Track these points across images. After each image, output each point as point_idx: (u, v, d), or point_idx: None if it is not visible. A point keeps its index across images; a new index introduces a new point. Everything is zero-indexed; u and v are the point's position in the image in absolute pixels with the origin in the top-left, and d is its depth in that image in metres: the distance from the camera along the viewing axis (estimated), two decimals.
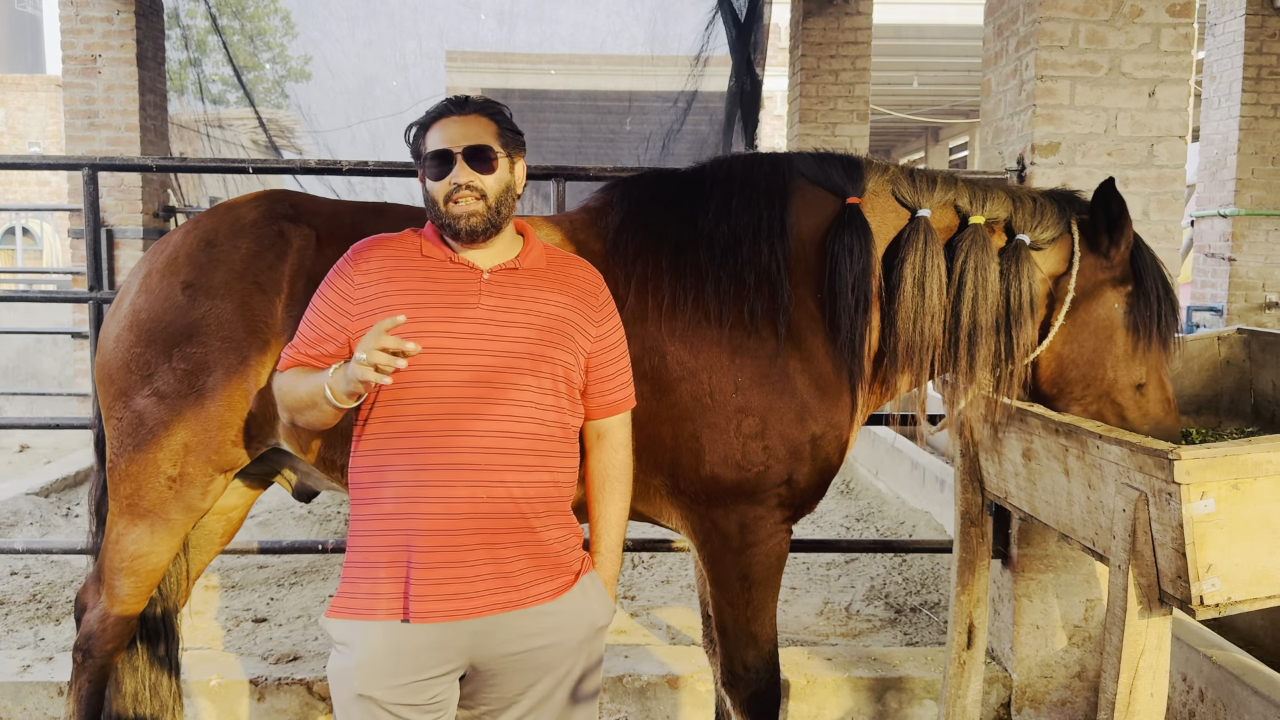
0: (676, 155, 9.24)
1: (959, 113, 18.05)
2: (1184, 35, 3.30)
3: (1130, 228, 2.48)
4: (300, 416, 1.95)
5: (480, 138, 1.95)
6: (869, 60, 8.27)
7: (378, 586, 1.86)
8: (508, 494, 1.89)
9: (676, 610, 4.45)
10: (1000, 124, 3.60)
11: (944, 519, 5.80)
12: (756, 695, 2.50)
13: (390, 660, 1.84)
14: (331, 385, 1.83)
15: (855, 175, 2.51)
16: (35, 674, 3.38)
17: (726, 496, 2.38)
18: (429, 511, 1.85)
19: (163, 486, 2.41)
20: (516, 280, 1.99)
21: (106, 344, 2.46)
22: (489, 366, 1.90)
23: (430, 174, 1.95)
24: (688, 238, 2.43)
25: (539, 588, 1.92)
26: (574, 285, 2.05)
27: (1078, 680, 3.47)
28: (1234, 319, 8.31)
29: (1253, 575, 1.98)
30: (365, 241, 2.03)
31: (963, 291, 2.44)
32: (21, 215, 18.94)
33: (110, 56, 7.08)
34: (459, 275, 1.96)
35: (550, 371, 1.95)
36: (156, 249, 2.51)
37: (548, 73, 14.52)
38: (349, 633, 1.86)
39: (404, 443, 1.88)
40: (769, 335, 2.37)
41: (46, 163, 3.54)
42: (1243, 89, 8.27)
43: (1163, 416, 2.51)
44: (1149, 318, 2.47)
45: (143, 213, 7.16)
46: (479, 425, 1.88)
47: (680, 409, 2.35)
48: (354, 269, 1.97)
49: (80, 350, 7.96)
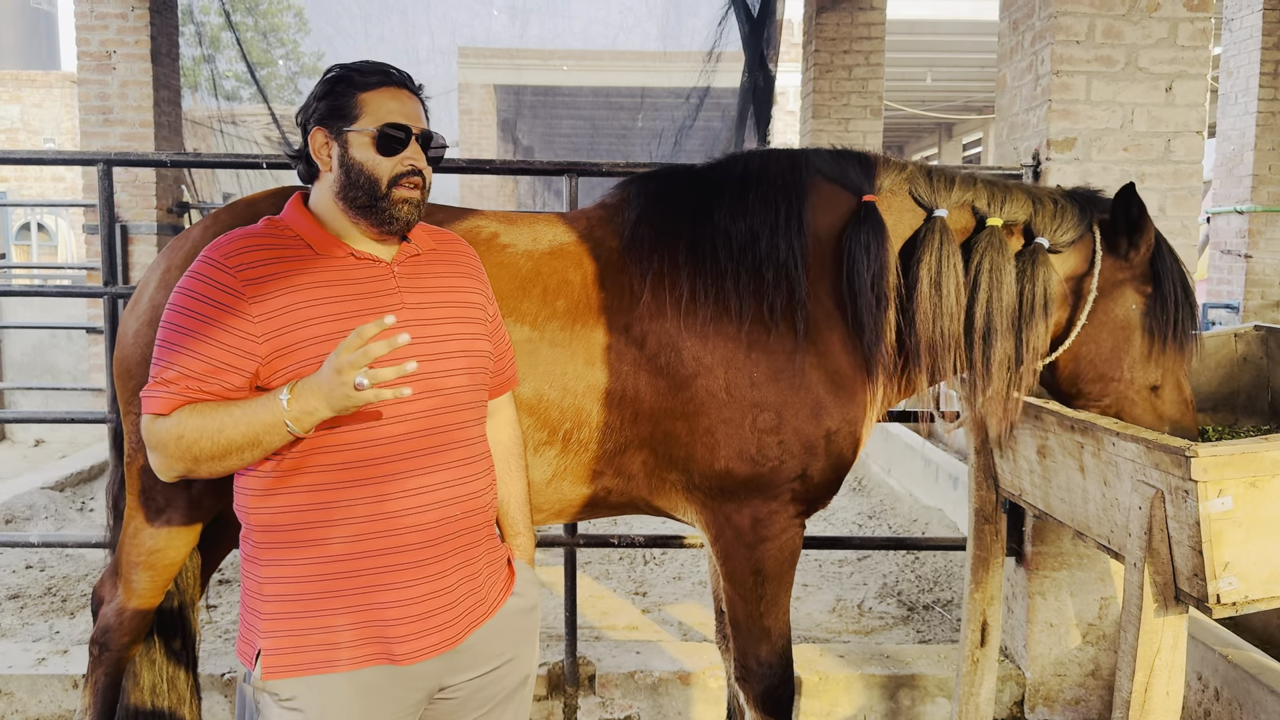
0: (689, 151, 9.24)
1: (973, 108, 17.97)
2: (1201, 30, 3.27)
3: (1151, 231, 2.46)
4: (220, 464, 1.59)
5: (426, 123, 1.78)
6: (882, 55, 8.23)
7: (335, 635, 1.63)
8: (475, 496, 1.77)
9: (688, 606, 4.45)
10: (1016, 119, 3.58)
11: (957, 516, 5.78)
12: (770, 690, 2.50)
13: (359, 707, 1.65)
14: (297, 418, 1.54)
15: (872, 173, 2.49)
16: (50, 667, 3.40)
17: (740, 491, 2.38)
18: (396, 545, 1.65)
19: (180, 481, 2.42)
20: (421, 269, 1.79)
21: (126, 339, 2.47)
22: (438, 372, 1.71)
23: (381, 147, 1.68)
24: (704, 234, 2.42)
25: (495, 591, 1.83)
26: (463, 261, 1.91)
27: (1092, 679, 3.46)
28: (1250, 316, 8.26)
29: (1270, 573, 1.97)
30: (229, 244, 1.67)
31: (977, 294, 2.44)
32: (37, 211, 19.05)
33: (125, 53, 7.11)
34: (369, 273, 1.71)
35: (481, 365, 1.82)
36: (176, 245, 2.52)
37: (560, 68, 14.53)
38: (301, 690, 1.63)
39: (354, 473, 1.63)
40: (786, 331, 2.37)
41: (61, 158, 3.55)
42: (1260, 84, 8.20)
43: (1180, 417, 2.50)
44: (1166, 321, 2.45)
45: (157, 208, 7.20)
46: (442, 439, 1.71)
47: (696, 404, 2.34)
48: (235, 279, 1.62)
49: (95, 345, 8.00)
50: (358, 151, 1.69)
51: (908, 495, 6.56)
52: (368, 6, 10.57)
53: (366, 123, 1.69)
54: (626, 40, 11.44)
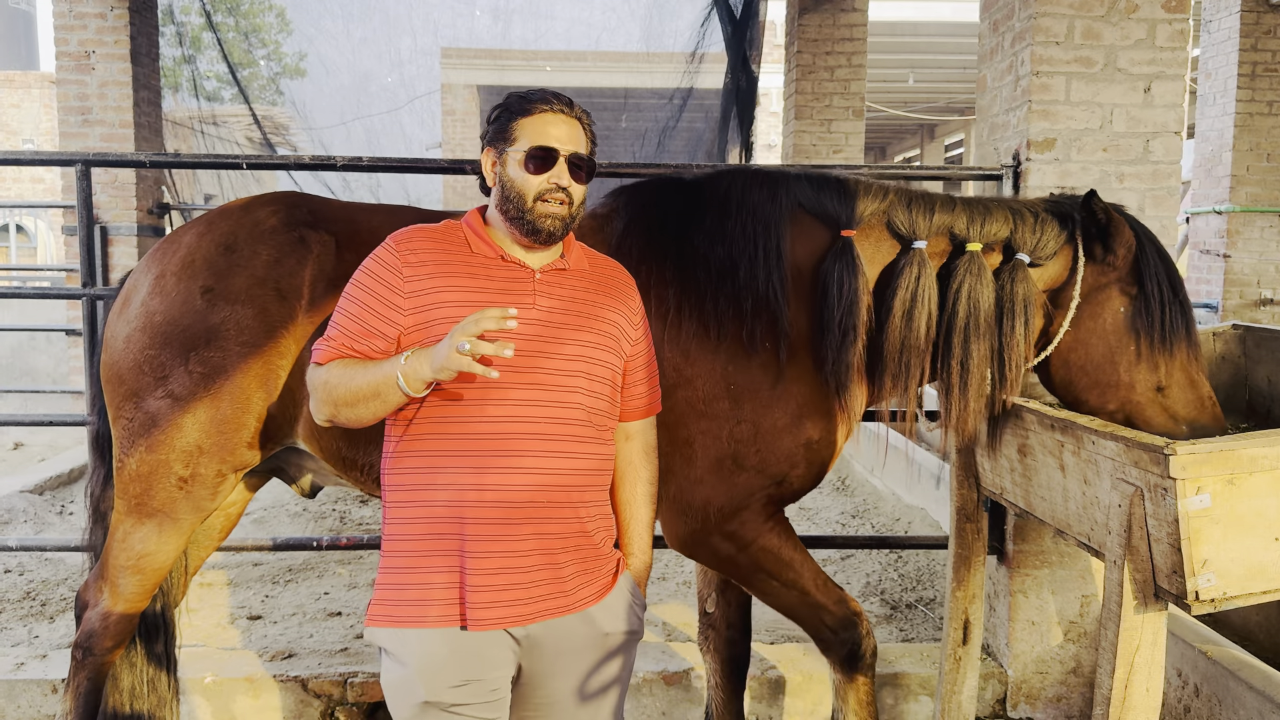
0: (672, 152, 9.25)
1: (954, 109, 18.05)
2: (1179, 31, 3.30)
3: (1126, 234, 2.47)
4: (352, 411, 1.85)
5: (583, 144, 1.95)
6: (865, 57, 8.26)
7: (429, 592, 1.82)
8: (565, 489, 1.88)
9: (672, 607, 4.45)
10: (996, 120, 3.60)
11: (939, 515, 5.80)
12: (853, 649, 2.55)
13: (453, 664, 1.81)
14: (407, 373, 1.76)
15: (851, 204, 2.51)
16: (29, 671, 3.37)
17: (713, 505, 2.44)
18: (487, 515, 1.81)
19: (173, 486, 2.42)
20: (565, 281, 1.97)
21: (115, 344, 2.45)
22: (546, 369, 1.87)
23: (531, 167, 1.89)
24: (688, 253, 2.47)
25: (585, 590, 1.92)
26: (614, 286, 2.05)
27: (1073, 676, 3.48)
28: (1229, 315, 8.32)
29: (1248, 570, 1.99)
30: (406, 232, 1.97)
31: (955, 320, 2.47)
32: (15, 212, 18.90)
33: (104, 53, 7.05)
34: (512, 274, 1.92)
35: (602, 375, 1.94)
36: (167, 249, 2.50)
37: (543, 69, 14.50)
38: (399, 642, 1.83)
39: (459, 444, 1.83)
40: (765, 352, 2.42)
41: (40, 159, 3.52)
42: (1238, 85, 8.27)
43: (1196, 416, 2.47)
44: (1152, 321, 2.45)
45: (137, 209, 7.15)
46: (535, 427, 1.85)
47: (675, 415, 2.38)
48: (399, 260, 1.90)
49: (74, 347, 7.94)
50: (512, 170, 1.92)
51: (890, 494, 6.58)
52: (350, 7, 10.52)
53: (520, 145, 1.91)
54: (609, 41, 11.43)
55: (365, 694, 3.34)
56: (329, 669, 3.43)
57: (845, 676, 2.59)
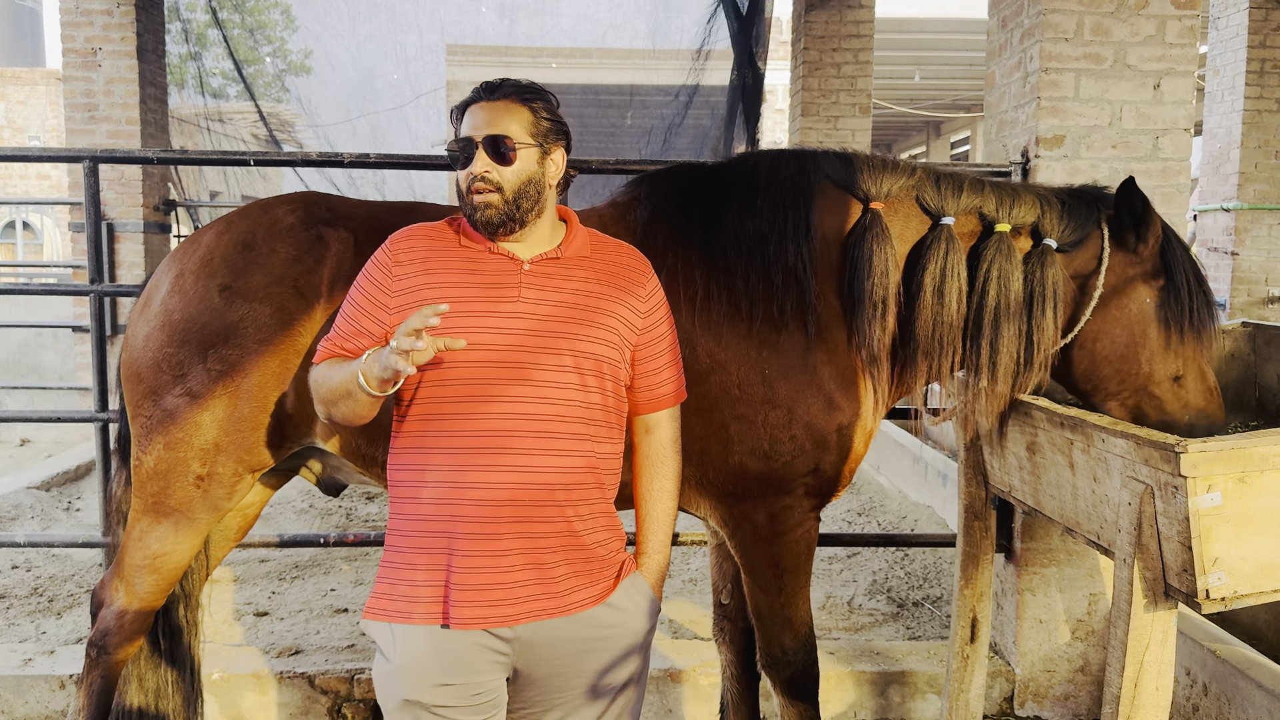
0: (678, 149, 9.23)
1: (961, 107, 18.00)
2: (1189, 27, 3.28)
3: (1158, 223, 2.47)
4: (335, 409, 1.86)
5: (501, 126, 1.85)
6: (871, 54, 8.25)
7: (416, 589, 1.81)
8: (551, 487, 1.82)
9: (679, 604, 4.45)
10: (1005, 117, 3.58)
11: (946, 513, 5.79)
12: (795, 677, 2.56)
13: (435, 664, 1.79)
14: (364, 371, 1.75)
15: (879, 179, 2.50)
16: (37, 667, 3.38)
17: (755, 487, 2.42)
18: (470, 514, 1.78)
19: (190, 485, 2.42)
20: (559, 271, 1.91)
21: (135, 343, 2.45)
22: (535, 364, 1.83)
23: (458, 164, 1.89)
24: (715, 234, 2.45)
25: (580, 594, 1.86)
26: (618, 274, 1.97)
27: (1081, 674, 3.47)
28: (1237, 313, 8.30)
29: (1259, 568, 1.98)
30: (403, 231, 1.97)
31: (985, 300, 2.46)
32: (22, 209, 18.94)
33: (110, 50, 7.07)
34: (499, 266, 1.89)
35: (598, 369, 1.87)
36: (187, 249, 2.50)
37: (549, 66, 14.48)
38: (388, 636, 1.82)
39: (444, 441, 1.82)
40: (796, 330, 2.41)
41: (47, 155, 3.52)
42: (1246, 83, 8.25)
43: (1205, 405, 2.50)
44: (1181, 311, 2.46)
45: (143, 206, 7.16)
46: (519, 425, 1.81)
47: (710, 400, 2.37)
48: (391, 259, 1.91)
49: (81, 344, 7.95)
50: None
51: (897, 492, 6.57)
52: (355, 4, 10.50)
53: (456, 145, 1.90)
54: (615, 38, 11.40)
55: (371, 690, 3.34)
56: (335, 665, 3.43)
57: (786, 700, 2.59)
